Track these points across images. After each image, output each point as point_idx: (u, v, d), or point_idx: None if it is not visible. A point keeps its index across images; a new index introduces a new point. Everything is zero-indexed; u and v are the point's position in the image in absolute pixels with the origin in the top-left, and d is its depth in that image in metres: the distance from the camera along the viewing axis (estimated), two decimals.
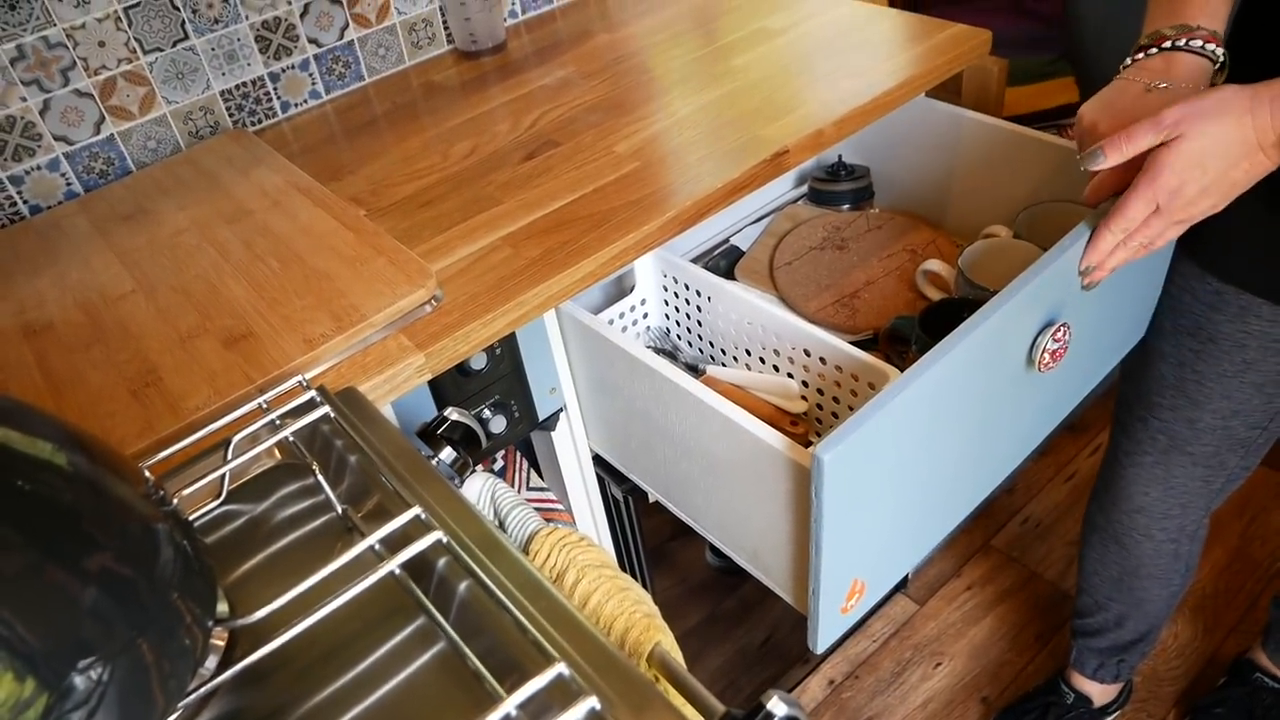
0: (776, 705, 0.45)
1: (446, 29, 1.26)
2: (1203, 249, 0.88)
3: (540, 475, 1.02)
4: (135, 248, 0.91)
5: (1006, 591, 1.61)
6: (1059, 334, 0.77)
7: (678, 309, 1.02)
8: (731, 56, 1.15)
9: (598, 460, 1.02)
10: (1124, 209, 0.71)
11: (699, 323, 1.00)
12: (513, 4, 1.32)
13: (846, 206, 1.15)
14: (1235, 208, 0.74)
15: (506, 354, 0.86)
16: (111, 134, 1.05)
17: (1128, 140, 0.67)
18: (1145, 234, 0.72)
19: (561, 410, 0.96)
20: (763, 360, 0.94)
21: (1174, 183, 0.68)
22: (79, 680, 0.43)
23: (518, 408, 0.90)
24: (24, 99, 0.98)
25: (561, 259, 0.83)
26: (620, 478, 1.00)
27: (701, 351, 1.02)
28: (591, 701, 0.42)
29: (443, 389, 0.83)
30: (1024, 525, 1.72)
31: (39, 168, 1.02)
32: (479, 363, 0.84)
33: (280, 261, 0.84)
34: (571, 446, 0.99)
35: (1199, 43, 0.73)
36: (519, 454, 0.99)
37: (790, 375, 0.92)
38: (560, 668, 0.44)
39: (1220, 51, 0.73)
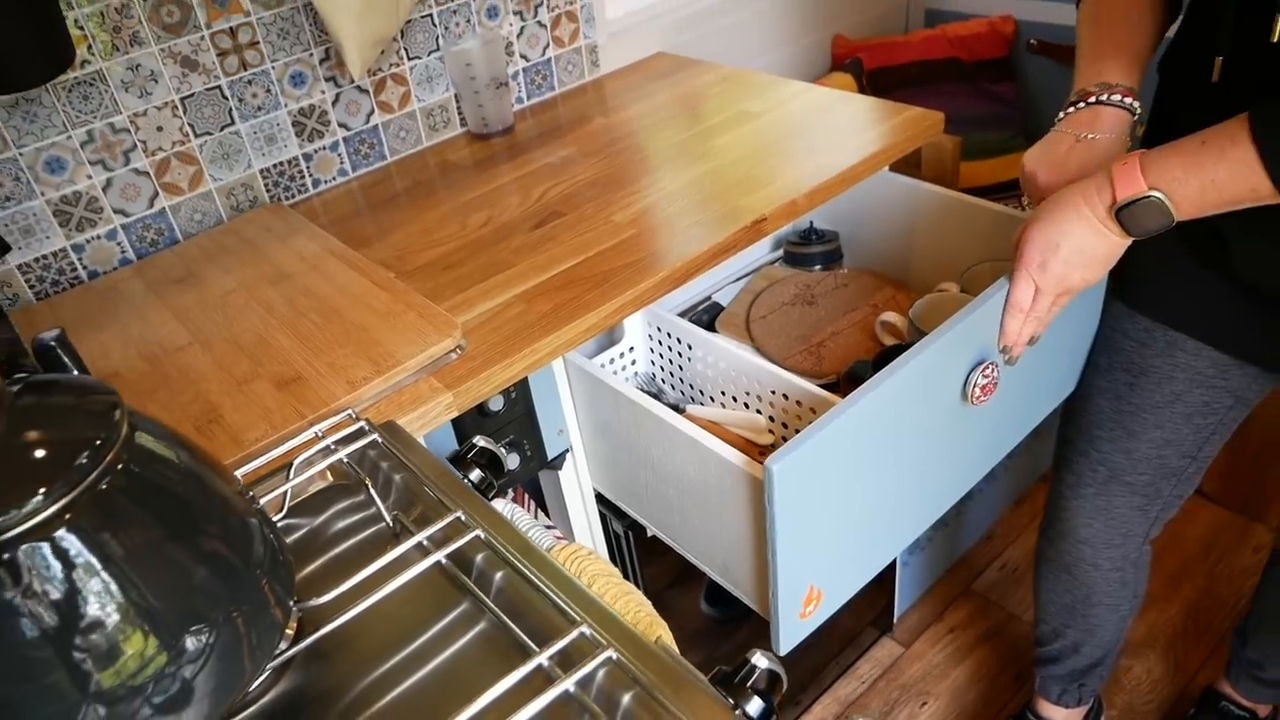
0: (759, 659, 0.55)
1: (460, 114, 1.40)
2: (1132, 291, 1.01)
3: (548, 514, 1.12)
4: (188, 306, 1.03)
5: (987, 633, 1.70)
6: (988, 370, 0.91)
7: (662, 355, 1.14)
8: (715, 137, 1.28)
9: (599, 498, 1.13)
10: (1012, 294, 0.88)
11: (681, 368, 1.12)
12: (519, 91, 1.46)
13: (817, 267, 1.28)
14: (1159, 253, 0.88)
15: (520, 397, 0.98)
16: (163, 207, 1.17)
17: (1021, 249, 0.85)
18: (1038, 310, 0.88)
19: (568, 451, 1.07)
20: (735, 399, 1.07)
21: (1037, 260, 0.84)
22: (190, 642, 0.53)
23: (529, 446, 1.01)
24: (90, 177, 1.10)
25: (569, 313, 0.95)
26: (620, 514, 1.11)
27: (683, 394, 1.14)
28: (609, 652, 0.52)
29: (464, 426, 0.94)
30: (1002, 570, 1.81)
31: (99, 237, 1.14)
32: (497, 404, 0.95)
33: (322, 316, 0.96)
34: (576, 484, 1.10)
35: (1118, 97, 0.87)
36: (527, 495, 1.10)
37: (759, 412, 1.03)
38: (583, 628, 0.54)
39: (1136, 104, 0.88)
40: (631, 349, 1.16)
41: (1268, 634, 1.26)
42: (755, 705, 0.55)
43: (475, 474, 0.77)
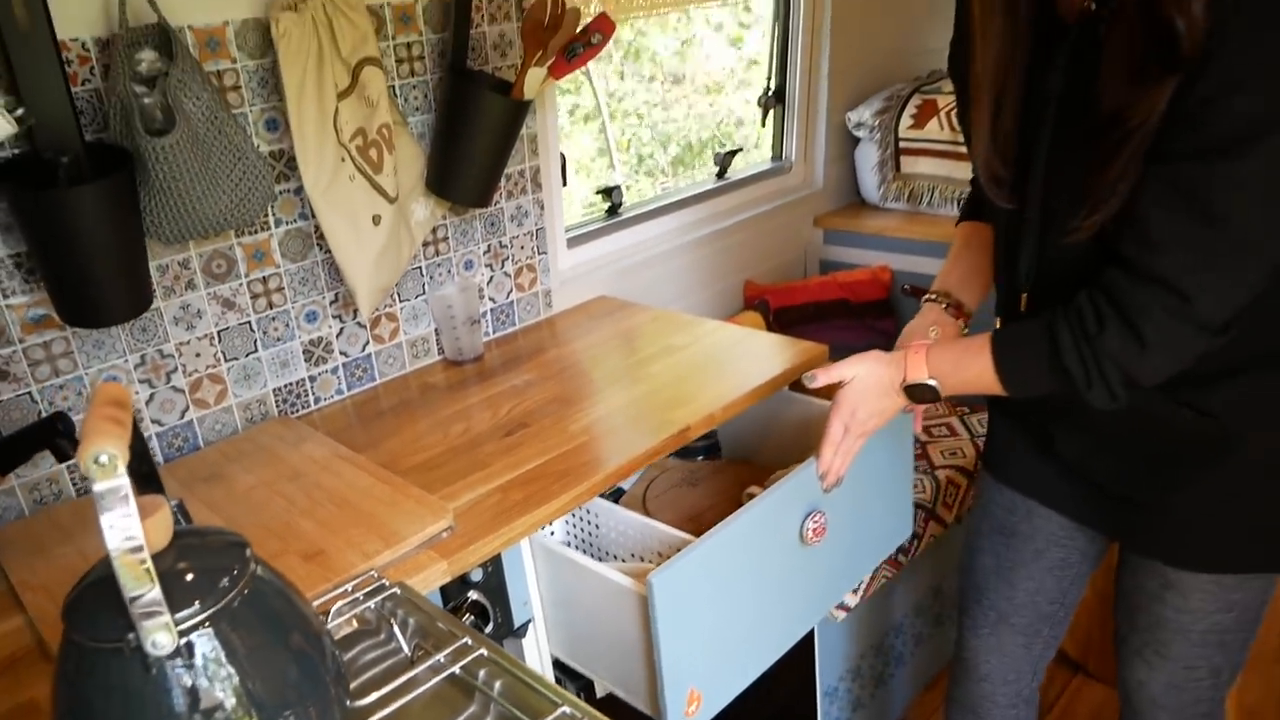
0: None
1: (439, 344, 1.69)
2: (998, 468, 1.31)
3: None
4: (218, 499, 1.24)
5: None
6: (817, 517, 1.23)
7: (577, 527, 1.40)
8: (648, 365, 1.59)
9: (556, 664, 1.33)
10: (828, 432, 1.17)
11: (591, 535, 1.39)
12: (487, 326, 1.77)
13: (700, 458, 1.58)
14: (1014, 438, 1.23)
15: (495, 570, 1.20)
16: (192, 419, 1.41)
17: (826, 375, 1.15)
18: (846, 445, 1.17)
19: (530, 621, 1.28)
20: (635, 557, 1.33)
21: (848, 409, 1.14)
22: None
23: (500, 613, 1.22)
24: (137, 394, 1.34)
25: (537, 500, 1.20)
26: (575, 675, 1.30)
27: (593, 557, 1.39)
28: None
29: (450, 593, 1.15)
30: None
31: None
32: (477, 575, 1.17)
33: (335, 505, 1.19)
34: (535, 649, 1.30)
35: (945, 304, 1.25)
36: None
37: (651, 564, 1.29)
38: (564, 708, 0.76)
39: (962, 313, 1.25)
40: (552, 522, 1.41)
41: None
42: None
43: (468, 619, 0.99)
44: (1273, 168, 0.82)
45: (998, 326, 1.15)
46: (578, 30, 1.48)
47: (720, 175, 2.39)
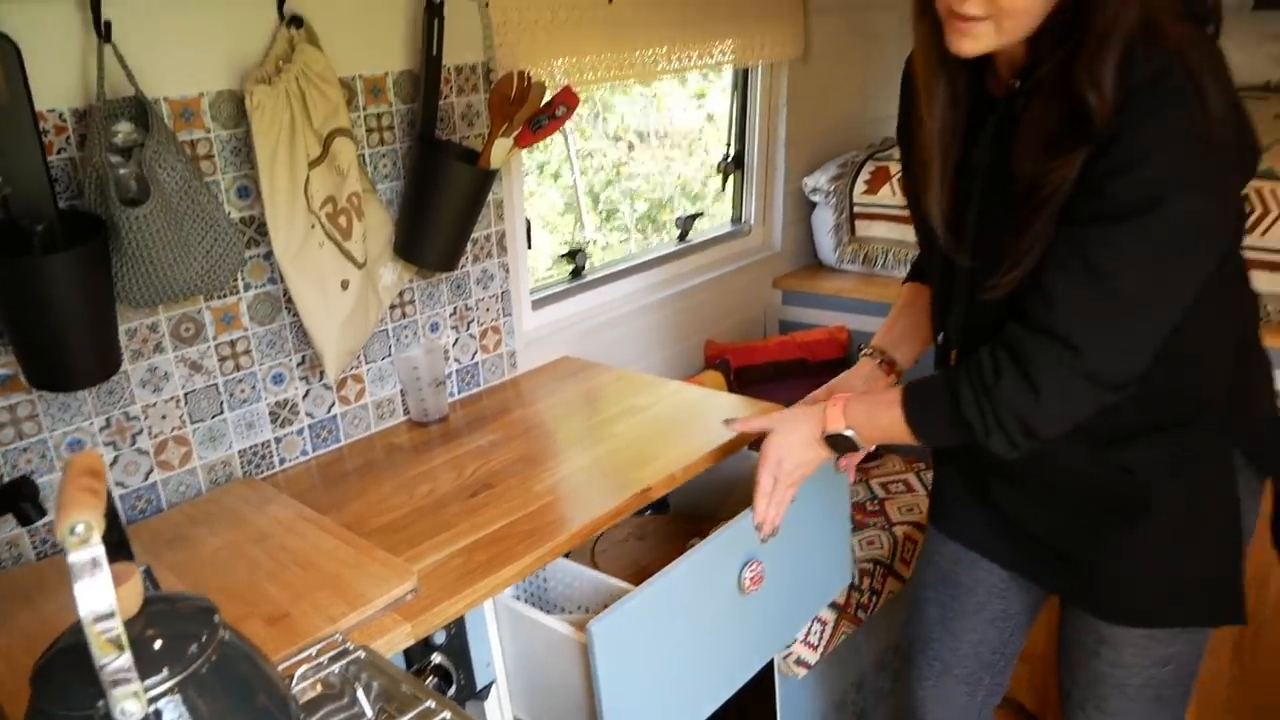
0: None
1: (405, 405, 1.72)
2: (942, 521, 1.36)
3: None
4: (182, 562, 1.25)
5: None
6: (754, 567, 1.28)
7: (528, 583, 1.42)
8: (611, 425, 1.63)
9: None
10: (758, 483, 1.22)
11: (541, 591, 1.41)
12: (452, 387, 1.80)
13: (649, 512, 1.61)
14: (957, 493, 1.28)
15: (458, 632, 1.21)
16: (155, 481, 1.42)
17: (744, 425, 1.23)
18: (778, 496, 1.22)
19: (493, 683, 1.29)
20: (579, 608, 1.35)
21: (774, 459, 1.19)
22: None
23: (463, 676, 1.23)
24: (102, 455, 1.35)
25: (502, 562, 1.22)
26: None
27: (544, 611, 1.41)
28: None
29: (413, 655, 1.16)
30: None
31: None
32: (440, 637, 1.18)
33: (300, 567, 1.20)
34: (498, 710, 1.31)
35: (879, 360, 1.31)
36: None
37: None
38: None
39: (895, 370, 1.31)
40: None
41: None
42: None
43: (431, 681, 1.00)
44: (1159, 235, 0.91)
45: None
46: (543, 103, 1.54)
47: (682, 238, 2.45)
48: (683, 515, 1.63)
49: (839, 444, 1.17)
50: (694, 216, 2.46)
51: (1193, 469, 1.08)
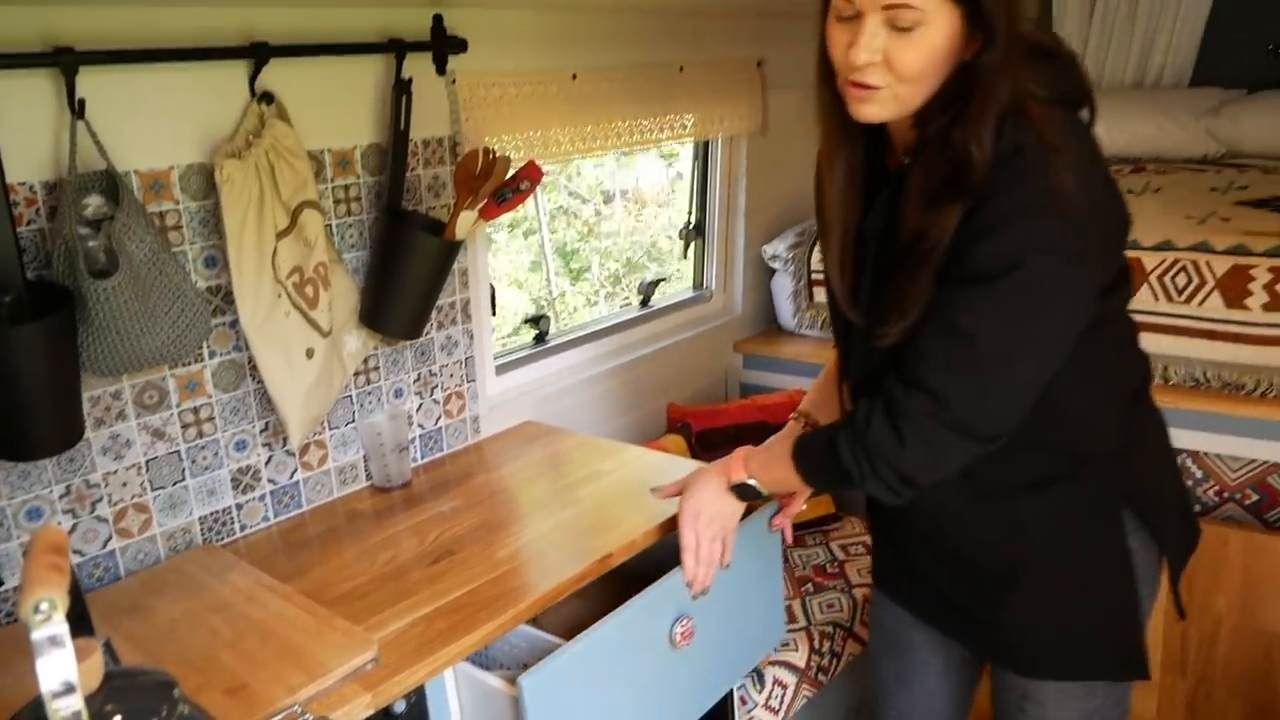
0: None
1: (368, 471, 1.72)
2: (885, 585, 1.39)
3: None
4: (138, 632, 1.24)
5: None
6: (685, 623, 1.32)
7: None
8: (574, 490, 1.65)
9: None
10: (682, 541, 1.28)
11: (484, 649, 1.38)
12: (415, 452, 1.81)
13: None
14: (896, 558, 1.32)
15: (419, 700, 1.21)
16: (114, 549, 1.41)
17: (666, 491, 1.31)
18: (704, 552, 1.28)
19: None
20: (518, 665, 1.35)
21: (691, 512, 1.27)
22: None
23: None
24: (59, 523, 1.34)
25: (463, 630, 1.23)
26: None
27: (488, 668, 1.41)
28: None
29: None
30: None
31: None
32: (400, 706, 1.18)
33: (260, 637, 1.20)
34: None
35: (810, 423, 1.35)
36: None
37: None
38: None
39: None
40: None
41: None
42: None
43: None
44: (1015, 296, 0.99)
45: None
46: (507, 177, 1.59)
47: (644, 303, 2.50)
48: (625, 572, 1.63)
49: (744, 492, 1.26)
50: (655, 282, 2.52)
51: (1080, 521, 1.15)
